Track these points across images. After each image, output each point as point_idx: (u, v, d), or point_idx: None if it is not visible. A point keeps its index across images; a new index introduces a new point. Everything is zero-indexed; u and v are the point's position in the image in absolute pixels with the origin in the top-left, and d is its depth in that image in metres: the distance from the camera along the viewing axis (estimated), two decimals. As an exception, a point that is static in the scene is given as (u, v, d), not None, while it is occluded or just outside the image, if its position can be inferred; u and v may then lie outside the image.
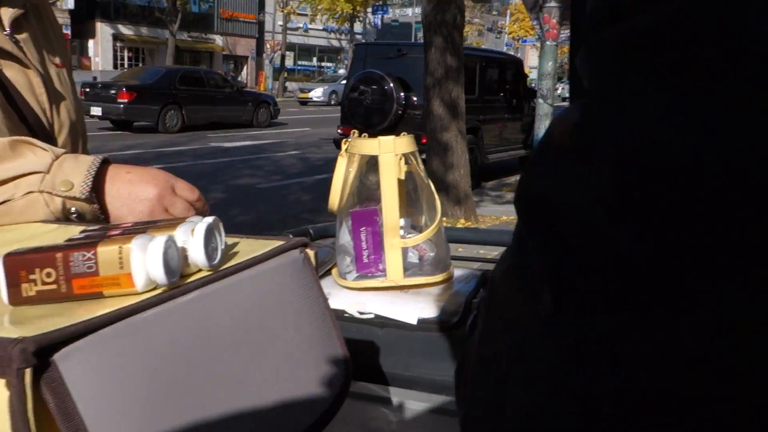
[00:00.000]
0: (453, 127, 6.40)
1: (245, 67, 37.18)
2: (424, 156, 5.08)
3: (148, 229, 0.57)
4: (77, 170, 0.77)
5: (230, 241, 0.69)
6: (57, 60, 1.04)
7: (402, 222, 1.27)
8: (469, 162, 6.75)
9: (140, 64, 30.59)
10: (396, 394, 1.09)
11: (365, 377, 1.13)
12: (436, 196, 1.22)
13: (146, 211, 0.78)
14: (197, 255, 0.56)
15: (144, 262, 0.51)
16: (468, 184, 6.65)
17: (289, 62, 37.43)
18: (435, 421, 1.02)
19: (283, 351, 0.59)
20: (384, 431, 1.00)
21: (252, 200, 7.53)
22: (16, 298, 0.51)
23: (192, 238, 0.56)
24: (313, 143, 13.16)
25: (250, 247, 0.66)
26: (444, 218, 1.26)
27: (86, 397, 0.44)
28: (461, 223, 6.32)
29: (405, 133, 1.18)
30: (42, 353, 0.42)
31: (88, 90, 13.94)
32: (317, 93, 27.55)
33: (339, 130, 9.04)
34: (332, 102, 25.35)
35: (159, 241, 0.52)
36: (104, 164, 0.81)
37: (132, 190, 0.80)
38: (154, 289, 0.53)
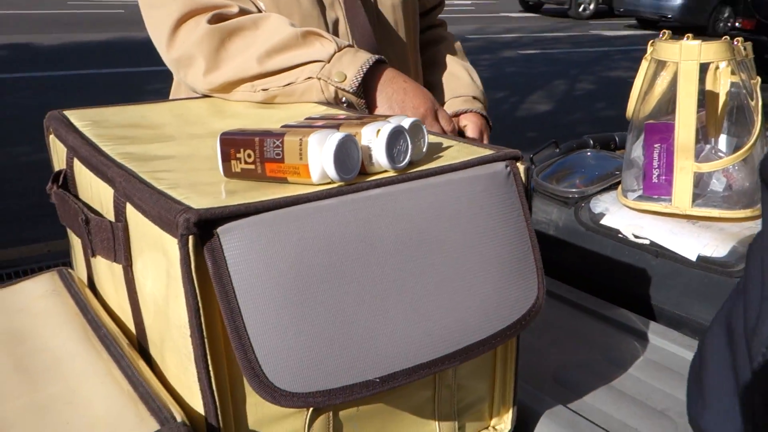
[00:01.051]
0: None
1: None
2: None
3: (341, 124, 0.60)
4: (353, 65, 0.85)
5: (445, 143, 0.68)
6: None
7: (723, 140, 1.10)
8: None
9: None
10: (657, 331, 0.99)
11: (628, 305, 1.04)
12: (758, 117, 1.02)
13: None
14: (379, 156, 0.57)
15: (319, 155, 0.54)
16: None
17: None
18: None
19: (454, 267, 0.58)
20: (626, 364, 0.92)
21: (622, 94, 7.11)
22: (227, 171, 0.59)
23: (376, 138, 0.57)
24: (709, 36, 11.64)
25: (452, 152, 0.64)
26: None
27: (240, 270, 0.50)
28: None
29: (726, 38, 0.98)
30: (207, 225, 0.49)
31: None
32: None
33: (737, 23, 7.78)
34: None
35: (335, 137, 0.54)
36: (380, 63, 0.87)
37: (405, 98, 0.86)
38: (330, 183, 0.56)
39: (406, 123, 0.61)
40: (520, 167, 0.64)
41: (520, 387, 0.75)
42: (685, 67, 0.94)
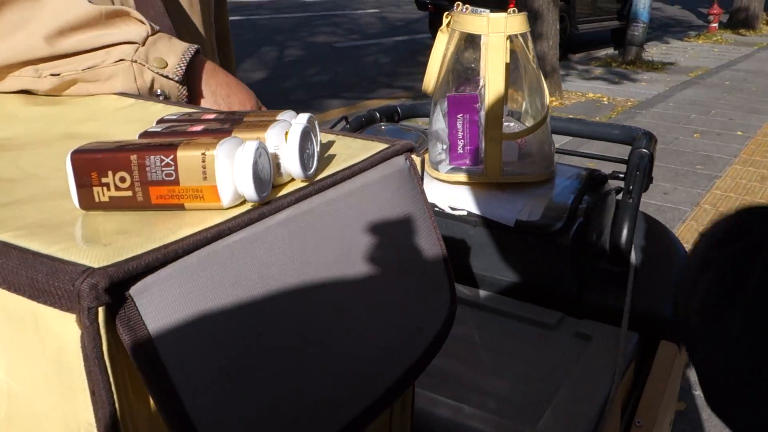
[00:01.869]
0: (546, -7, 5.93)
1: None
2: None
3: (234, 128, 0.48)
4: (172, 51, 0.72)
5: (325, 139, 0.60)
6: None
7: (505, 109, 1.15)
8: (558, 32, 6.31)
9: None
10: (483, 298, 1.02)
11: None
12: (544, 83, 1.08)
13: None
14: (291, 164, 0.47)
15: (231, 172, 0.43)
16: (556, 56, 6.25)
17: None
18: (522, 331, 0.95)
19: (386, 276, 0.52)
20: (465, 335, 0.94)
21: (329, 59, 7.35)
22: (87, 201, 0.44)
23: (285, 143, 0.47)
24: (393, 2, 12.61)
25: (347, 150, 0.56)
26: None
27: (167, 336, 0.37)
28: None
29: (515, 10, 1.02)
30: (116, 287, 0.35)
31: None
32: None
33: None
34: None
35: (249, 148, 0.43)
36: (198, 53, 0.76)
37: (230, 93, 0.77)
38: (242, 203, 0.45)
39: (302, 120, 0.51)
40: (416, 159, 0.59)
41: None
42: (493, 40, 0.97)
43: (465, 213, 1.05)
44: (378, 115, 1.34)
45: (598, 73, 7.63)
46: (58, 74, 0.68)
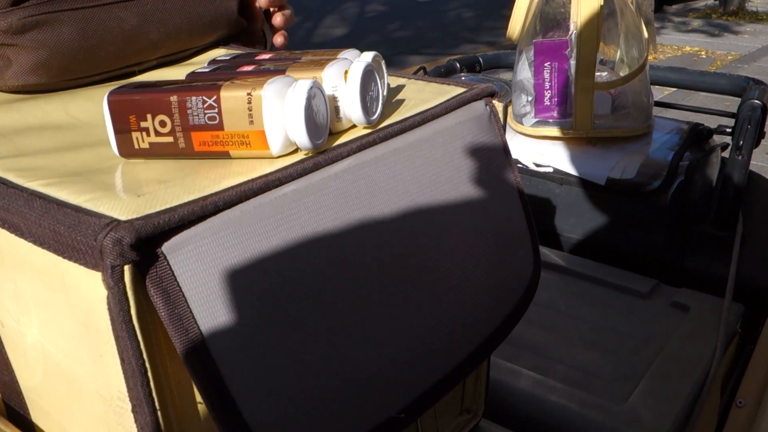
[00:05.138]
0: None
1: None
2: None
3: (288, 68, 0.43)
4: None
5: (393, 83, 0.54)
6: None
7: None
8: (654, -20, 5.91)
9: None
10: (569, 262, 0.94)
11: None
12: (644, 28, 0.97)
13: None
14: (352, 108, 0.41)
15: (281, 116, 0.37)
16: (651, 7, 5.88)
17: None
18: (612, 299, 0.87)
19: (462, 235, 0.45)
20: (549, 302, 0.86)
21: (411, 15, 7.20)
22: (126, 148, 0.40)
23: (345, 84, 0.41)
24: (479, -46, 12.19)
25: (420, 94, 0.50)
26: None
27: (204, 299, 0.33)
28: (637, 52, 5.68)
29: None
30: (145, 243, 0.31)
31: None
32: None
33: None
34: None
35: (301, 87, 0.37)
36: None
37: None
38: (294, 152, 0.39)
39: (368, 58, 0.45)
40: (498, 105, 0.52)
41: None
42: (587, -22, 0.87)
43: (551, 170, 0.97)
44: (458, 65, 1.26)
45: (696, 25, 7.14)
46: None
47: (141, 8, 0.55)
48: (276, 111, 0.37)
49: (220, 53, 0.62)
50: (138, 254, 0.30)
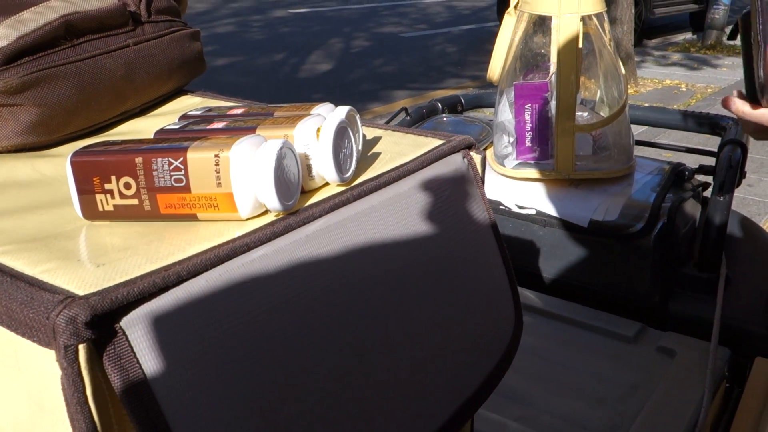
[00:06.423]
0: (621, -25, 5.66)
1: None
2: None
3: (259, 125, 0.42)
4: None
5: (370, 134, 0.53)
6: None
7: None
8: (633, 17, 6.02)
9: None
10: (553, 305, 0.93)
11: (518, 281, 0.98)
12: (622, 69, 0.98)
13: None
14: (324, 166, 0.40)
15: (249, 177, 0.36)
16: (631, 42, 5.97)
17: None
18: (597, 344, 0.86)
19: (440, 296, 0.44)
20: (533, 347, 0.85)
21: (395, 50, 7.27)
22: (90, 210, 0.39)
23: (317, 141, 0.40)
24: (462, -10, 12.41)
25: (396, 147, 0.49)
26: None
27: (165, 379, 0.31)
28: (619, 86, 5.75)
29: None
30: (102, 319, 0.29)
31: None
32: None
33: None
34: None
35: (270, 148, 0.36)
36: None
37: None
38: (263, 213, 0.38)
39: (341, 113, 0.44)
40: (476, 157, 0.51)
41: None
42: (565, 22, 0.87)
43: (533, 212, 0.96)
44: (440, 105, 1.26)
45: (676, 59, 7.26)
46: None
47: (125, 58, 0.55)
48: (244, 172, 0.36)
49: (194, 102, 0.61)
50: (94, 332, 0.29)
